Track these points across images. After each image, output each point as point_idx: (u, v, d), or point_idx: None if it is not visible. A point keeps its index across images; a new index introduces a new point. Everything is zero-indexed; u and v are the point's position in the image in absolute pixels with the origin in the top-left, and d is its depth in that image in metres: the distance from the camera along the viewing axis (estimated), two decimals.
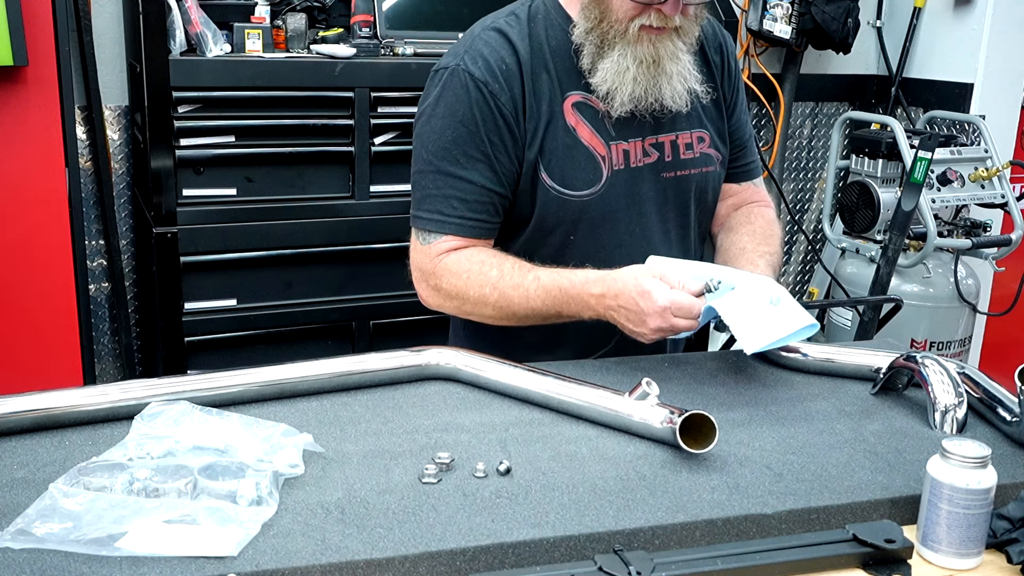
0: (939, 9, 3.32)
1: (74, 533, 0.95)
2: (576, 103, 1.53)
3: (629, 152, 1.56)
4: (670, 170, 1.59)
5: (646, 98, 1.50)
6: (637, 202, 1.57)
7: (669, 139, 1.59)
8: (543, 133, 1.51)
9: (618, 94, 1.49)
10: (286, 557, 0.94)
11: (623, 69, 1.48)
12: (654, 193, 1.59)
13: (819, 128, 3.62)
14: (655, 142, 1.58)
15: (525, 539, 0.99)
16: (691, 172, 1.61)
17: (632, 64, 1.48)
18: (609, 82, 1.49)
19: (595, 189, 1.53)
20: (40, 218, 2.33)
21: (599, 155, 1.53)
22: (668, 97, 1.52)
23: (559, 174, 1.52)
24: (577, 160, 1.52)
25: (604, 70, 1.49)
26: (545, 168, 1.51)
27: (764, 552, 1.00)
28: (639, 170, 1.57)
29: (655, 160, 1.58)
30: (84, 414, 1.21)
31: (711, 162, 1.64)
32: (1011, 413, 1.27)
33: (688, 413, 1.16)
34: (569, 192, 1.53)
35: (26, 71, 2.22)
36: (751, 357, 1.52)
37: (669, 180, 1.60)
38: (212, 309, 2.40)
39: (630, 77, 1.48)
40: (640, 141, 1.56)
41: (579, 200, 1.53)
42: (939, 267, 3.08)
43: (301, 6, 2.48)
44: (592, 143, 1.53)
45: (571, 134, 1.52)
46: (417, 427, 1.25)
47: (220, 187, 2.35)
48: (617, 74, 1.48)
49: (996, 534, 1.05)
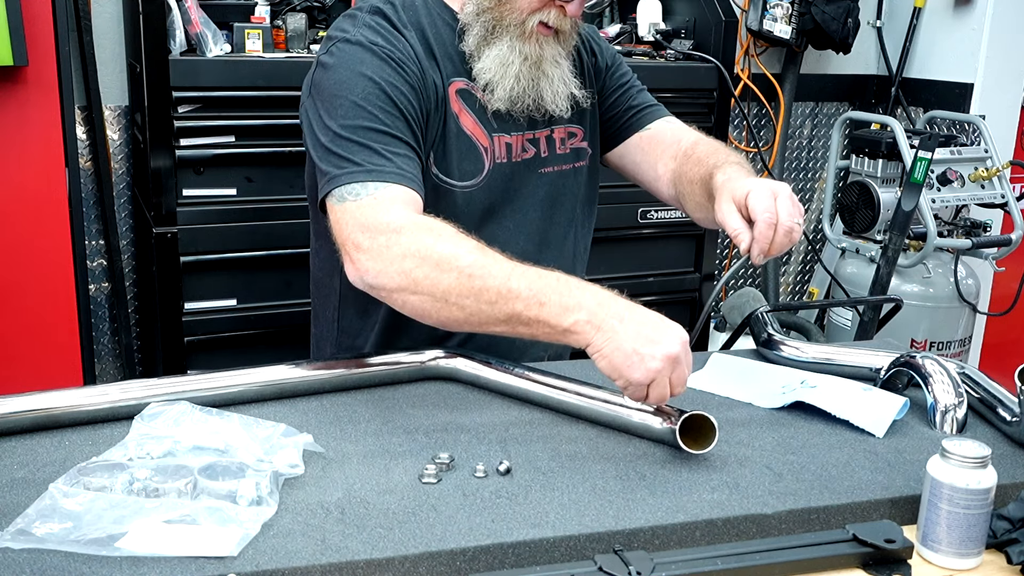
0: (939, 9, 3.32)
1: (74, 533, 0.95)
2: (460, 90, 1.48)
3: (512, 145, 1.52)
4: (546, 165, 1.57)
5: (524, 98, 1.47)
6: (518, 197, 1.54)
7: (544, 134, 1.56)
8: (432, 117, 1.44)
9: (498, 87, 1.45)
10: (286, 557, 0.94)
11: (508, 62, 1.45)
12: (532, 189, 1.56)
13: (819, 128, 3.62)
14: (532, 137, 1.55)
15: (525, 539, 0.99)
16: (564, 168, 1.59)
17: (517, 59, 1.45)
18: (491, 72, 1.45)
19: (477, 180, 1.49)
20: (40, 218, 2.33)
21: (482, 146, 1.49)
22: (549, 100, 1.49)
23: (443, 163, 1.46)
24: (460, 149, 1.48)
25: (489, 58, 1.45)
26: (432, 156, 1.45)
27: (764, 552, 1.00)
28: (519, 165, 1.54)
29: (532, 156, 1.55)
30: (84, 414, 1.21)
31: (583, 156, 1.62)
32: (1011, 413, 1.27)
33: (688, 413, 1.16)
34: (452, 182, 1.47)
35: (26, 71, 2.22)
36: (751, 357, 1.52)
37: (546, 176, 1.57)
38: (212, 309, 2.39)
39: (513, 72, 1.45)
40: (520, 135, 1.53)
41: (461, 191, 1.48)
42: (939, 267, 3.08)
43: (301, 6, 2.48)
44: (475, 133, 1.49)
45: (456, 122, 1.47)
46: (417, 427, 1.24)
47: (220, 187, 2.35)
48: (501, 66, 1.45)
49: (996, 534, 1.05)
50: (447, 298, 1.22)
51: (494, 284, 1.20)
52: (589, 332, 1.17)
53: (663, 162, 1.63)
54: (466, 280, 1.20)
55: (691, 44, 2.83)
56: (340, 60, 1.40)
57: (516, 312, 1.19)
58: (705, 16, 2.84)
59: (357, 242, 1.28)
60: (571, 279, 1.22)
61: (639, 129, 1.67)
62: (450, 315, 1.24)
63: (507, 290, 1.19)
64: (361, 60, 1.39)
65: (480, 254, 1.22)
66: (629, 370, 1.15)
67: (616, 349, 1.15)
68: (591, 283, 1.23)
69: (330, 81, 1.39)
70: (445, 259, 1.22)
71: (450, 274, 1.21)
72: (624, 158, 1.70)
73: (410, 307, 1.26)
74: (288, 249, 2.40)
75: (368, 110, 1.35)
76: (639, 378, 1.15)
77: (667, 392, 1.17)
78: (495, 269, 1.21)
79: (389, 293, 1.27)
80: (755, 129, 3.42)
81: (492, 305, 1.20)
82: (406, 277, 1.23)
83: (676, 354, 1.15)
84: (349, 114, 1.35)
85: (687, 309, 2.92)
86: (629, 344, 1.15)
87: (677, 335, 1.17)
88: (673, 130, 1.66)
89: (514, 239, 1.54)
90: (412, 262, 1.23)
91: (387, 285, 1.26)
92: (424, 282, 1.22)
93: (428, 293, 1.23)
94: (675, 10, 2.96)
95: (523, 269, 1.22)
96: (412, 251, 1.23)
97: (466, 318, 1.23)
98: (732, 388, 1.39)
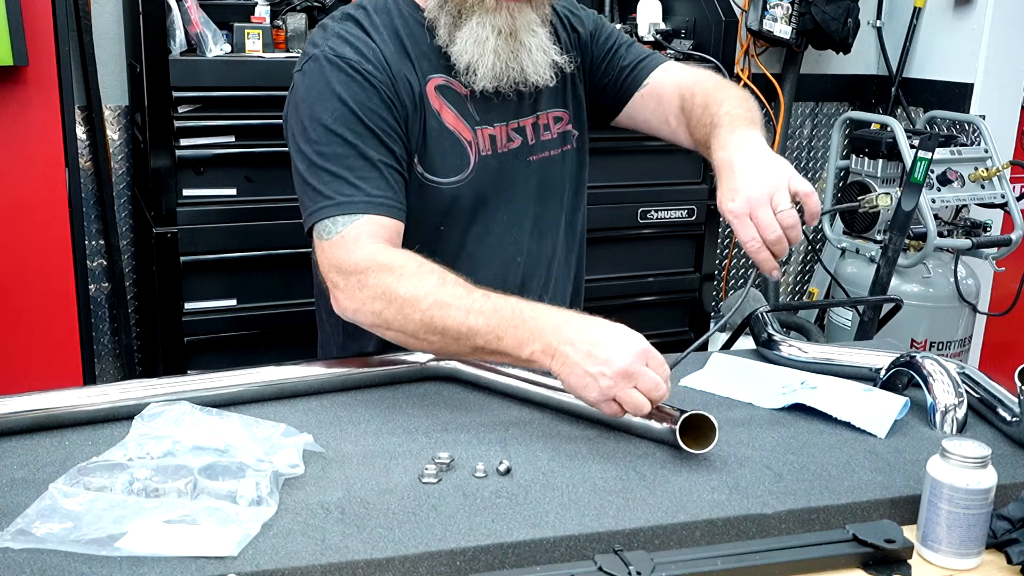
0: (939, 9, 3.32)
1: (74, 533, 0.95)
2: (439, 86, 1.47)
3: (496, 137, 1.52)
4: (534, 153, 1.56)
5: (508, 73, 1.45)
6: (507, 188, 1.53)
7: (530, 122, 1.55)
8: (411, 118, 1.44)
9: (480, 66, 1.43)
10: (286, 557, 0.94)
11: (482, 39, 1.43)
12: (522, 179, 1.55)
13: (819, 128, 3.62)
14: (517, 126, 1.54)
15: (525, 539, 0.99)
16: (551, 153, 1.58)
17: (491, 34, 1.43)
18: (469, 53, 1.44)
19: (463, 176, 1.48)
20: (40, 218, 2.33)
21: (465, 140, 1.49)
22: (531, 72, 1.47)
23: (428, 161, 1.46)
24: (444, 146, 1.47)
25: (463, 40, 1.43)
26: (416, 156, 1.45)
27: (764, 552, 1.00)
28: (506, 156, 1.53)
29: (519, 145, 1.54)
30: (84, 414, 1.21)
31: (569, 139, 1.61)
32: (1011, 413, 1.27)
33: (688, 413, 1.16)
34: (438, 180, 1.47)
35: (26, 71, 2.22)
36: (751, 357, 1.52)
37: (535, 164, 1.56)
38: (212, 309, 2.39)
39: (490, 47, 1.43)
40: (504, 126, 1.52)
41: (448, 188, 1.48)
42: (939, 267, 3.08)
43: (301, 6, 2.48)
44: (457, 128, 1.48)
45: (437, 119, 1.46)
46: (417, 427, 1.25)
47: (220, 187, 2.35)
48: (476, 44, 1.43)
49: (996, 534, 1.05)
50: (417, 335, 1.29)
51: (454, 324, 1.25)
52: (545, 360, 1.21)
53: (672, 114, 1.60)
54: (429, 320, 1.27)
55: (691, 44, 2.83)
56: (310, 81, 1.42)
57: (479, 346, 1.26)
58: (705, 16, 2.84)
59: (334, 281, 1.35)
60: (527, 309, 1.24)
61: (638, 87, 1.63)
62: (424, 347, 1.33)
63: (467, 328, 1.25)
64: (328, 79, 1.40)
65: (440, 292, 1.27)
66: (585, 391, 1.18)
67: (571, 374, 1.19)
68: (548, 308, 1.25)
69: (303, 104, 1.42)
70: (408, 302, 1.28)
71: (415, 315, 1.27)
72: (635, 119, 1.66)
73: (389, 339, 1.34)
74: (288, 249, 2.40)
75: (338, 133, 1.38)
76: (595, 398, 1.18)
77: (641, 402, 1.16)
78: (453, 308, 1.26)
79: (368, 327, 1.35)
80: None
81: (457, 341, 1.27)
82: (378, 317, 1.31)
83: (625, 368, 1.16)
84: (322, 139, 1.39)
85: (687, 309, 2.92)
86: (580, 368, 1.18)
87: (628, 349, 1.17)
88: (672, 79, 1.61)
89: (508, 231, 1.54)
90: (380, 304, 1.30)
91: (363, 322, 1.34)
92: (394, 322, 1.30)
93: (400, 330, 1.30)
94: (675, 10, 2.97)
95: (481, 303, 1.25)
96: (379, 293, 1.30)
97: (439, 350, 1.33)
98: (732, 388, 1.39)
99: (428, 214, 1.48)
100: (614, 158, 2.64)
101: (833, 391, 1.33)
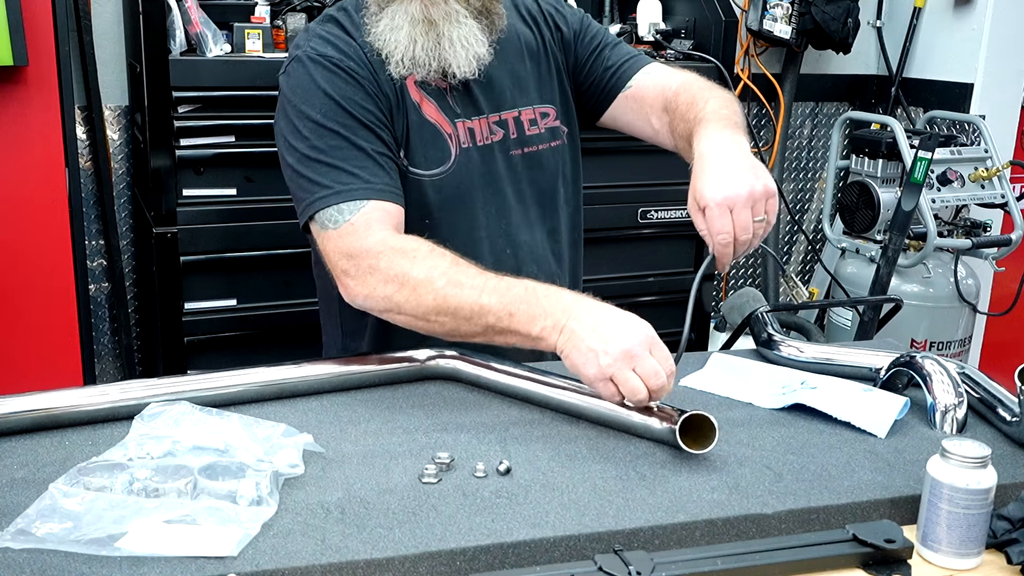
0: (939, 9, 3.32)
1: (74, 533, 0.95)
2: (419, 80, 1.49)
3: (475, 130, 1.53)
4: (518, 147, 1.57)
5: (428, 63, 1.46)
6: (491, 181, 1.54)
7: (512, 116, 1.56)
8: (395, 112, 1.47)
9: (394, 54, 1.45)
10: (286, 557, 0.94)
11: (396, 27, 1.44)
12: (507, 172, 1.56)
13: (819, 128, 3.62)
14: (499, 119, 1.55)
15: (525, 539, 0.99)
16: (540, 148, 1.59)
17: (405, 22, 1.44)
18: (382, 40, 1.45)
19: (445, 168, 1.50)
20: (40, 218, 2.33)
21: (445, 132, 1.50)
22: (455, 65, 1.47)
23: (411, 154, 1.48)
24: (425, 138, 1.49)
25: (380, 26, 1.45)
26: (401, 149, 1.48)
27: (764, 552, 1.00)
28: (488, 148, 1.54)
29: (501, 138, 1.55)
30: (84, 414, 1.21)
31: (559, 135, 1.62)
32: (1011, 413, 1.27)
33: (688, 413, 1.16)
34: (420, 172, 1.49)
35: (26, 71, 2.22)
36: (751, 357, 1.52)
37: (519, 158, 1.57)
38: (212, 309, 2.39)
39: (404, 35, 1.44)
40: (484, 119, 1.54)
41: (431, 180, 1.49)
42: (939, 267, 3.08)
43: (301, 6, 2.48)
44: (438, 120, 1.50)
45: (417, 112, 1.49)
46: (417, 427, 1.25)
47: (220, 187, 2.35)
48: (390, 31, 1.45)
49: (996, 534, 1.05)
50: (428, 317, 1.31)
51: (467, 302, 1.28)
52: (553, 336, 1.23)
53: (655, 116, 1.61)
54: (442, 301, 1.29)
55: (691, 44, 2.83)
56: (295, 81, 1.46)
57: (490, 324, 1.27)
58: (705, 16, 2.84)
59: (344, 269, 1.37)
60: (540, 288, 1.28)
61: (622, 88, 1.64)
62: (434, 330, 1.33)
63: (479, 306, 1.27)
64: (313, 77, 1.44)
65: (454, 272, 1.30)
66: (585, 366, 1.20)
67: (574, 348, 1.21)
68: (561, 289, 1.29)
69: (290, 104, 1.45)
70: (421, 283, 1.30)
71: (428, 296, 1.30)
72: (617, 120, 1.67)
73: (399, 323, 1.36)
74: (288, 249, 2.40)
75: (328, 127, 1.41)
76: (593, 374, 1.19)
77: (639, 387, 1.17)
78: (467, 287, 1.28)
79: (378, 313, 1.38)
80: (755, 129, 3.42)
81: (468, 320, 1.29)
82: (389, 301, 1.33)
83: (627, 349, 1.17)
84: (313, 134, 1.41)
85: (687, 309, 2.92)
86: (583, 343, 1.20)
87: (636, 332, 1.19)
88: (655, 81, 1.62)
89: (497, 223, 1.54)
90: (392, 287, 1.32)
91: (375, 308, 1.37)
92: (406, 305, 1.32)
93: (411, 314, 1.33)
94: (675, 10, 2.97)
95: (495, 283, 1.28)
96: (392, 276, 1.32)
97: (448, 332, 1.33)
98: (732, 388, 1.39)
99: (414, 207, 1.49)
100: (614, 158, 2.64)
101: (833, 391, 1.33)
